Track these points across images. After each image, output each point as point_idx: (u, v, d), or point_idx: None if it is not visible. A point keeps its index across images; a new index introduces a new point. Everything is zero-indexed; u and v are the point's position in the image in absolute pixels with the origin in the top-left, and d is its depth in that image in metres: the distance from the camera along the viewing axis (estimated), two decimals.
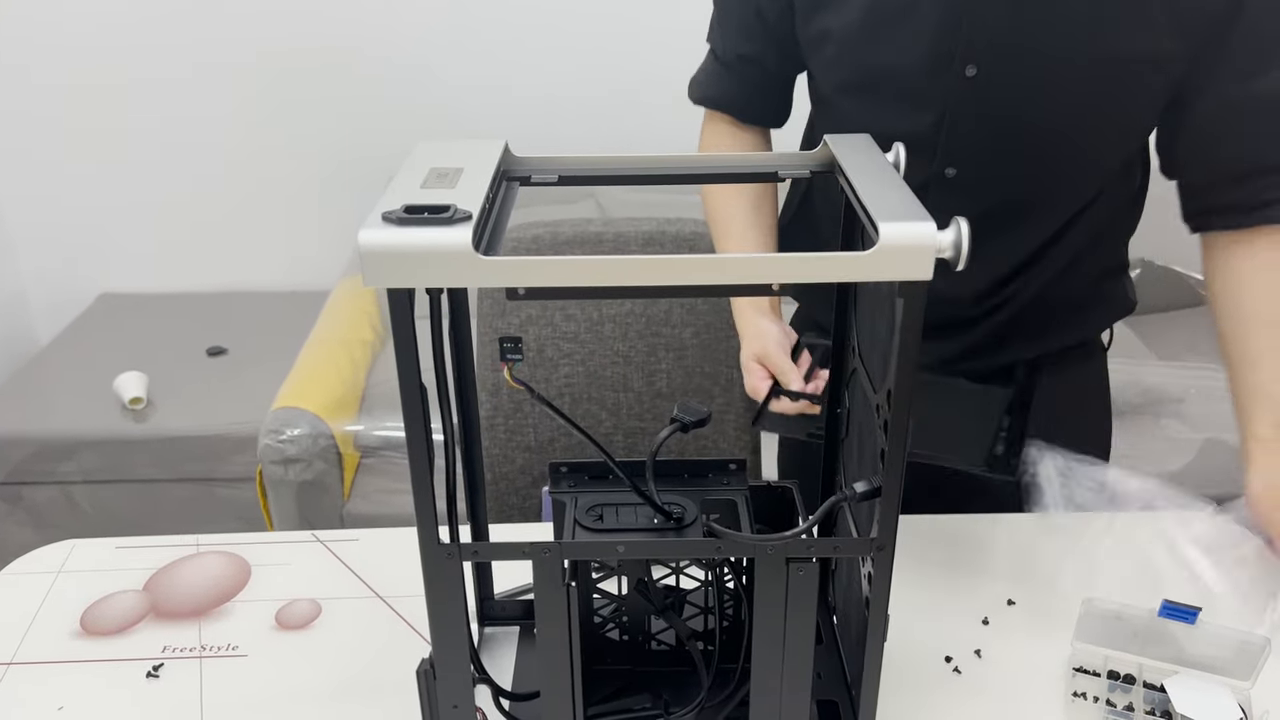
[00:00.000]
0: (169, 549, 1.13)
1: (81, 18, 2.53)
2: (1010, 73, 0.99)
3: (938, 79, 1.01)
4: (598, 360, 1.52)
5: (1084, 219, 1.12)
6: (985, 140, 1.03)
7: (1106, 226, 1.16)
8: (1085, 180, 1.09)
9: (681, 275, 0.64)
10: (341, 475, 2.03)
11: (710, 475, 0.87)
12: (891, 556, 0.74)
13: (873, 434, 0.76)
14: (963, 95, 1.01)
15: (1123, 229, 1.20)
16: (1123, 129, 1.07)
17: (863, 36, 1.03)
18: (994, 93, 1.01)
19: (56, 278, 2.80)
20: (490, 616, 1.00)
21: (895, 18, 1.01)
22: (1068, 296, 1.18)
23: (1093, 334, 1.26)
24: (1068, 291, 1.17)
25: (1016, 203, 1.08)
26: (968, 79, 1.00)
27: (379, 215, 0.64)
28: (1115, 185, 1.13)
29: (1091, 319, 1.24)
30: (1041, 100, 1.01)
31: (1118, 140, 1.08)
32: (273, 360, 2.25)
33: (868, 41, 1.04)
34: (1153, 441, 2.10)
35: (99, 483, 2.22)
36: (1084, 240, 1.13)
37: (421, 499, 0.71)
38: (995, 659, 0.97)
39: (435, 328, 0.74)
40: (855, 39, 1.04)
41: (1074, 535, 1.13)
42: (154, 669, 0.97)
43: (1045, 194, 1.09)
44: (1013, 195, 1.08)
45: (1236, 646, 0.89)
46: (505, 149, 0.79)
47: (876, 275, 0.64)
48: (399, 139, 2.63)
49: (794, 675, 0.78)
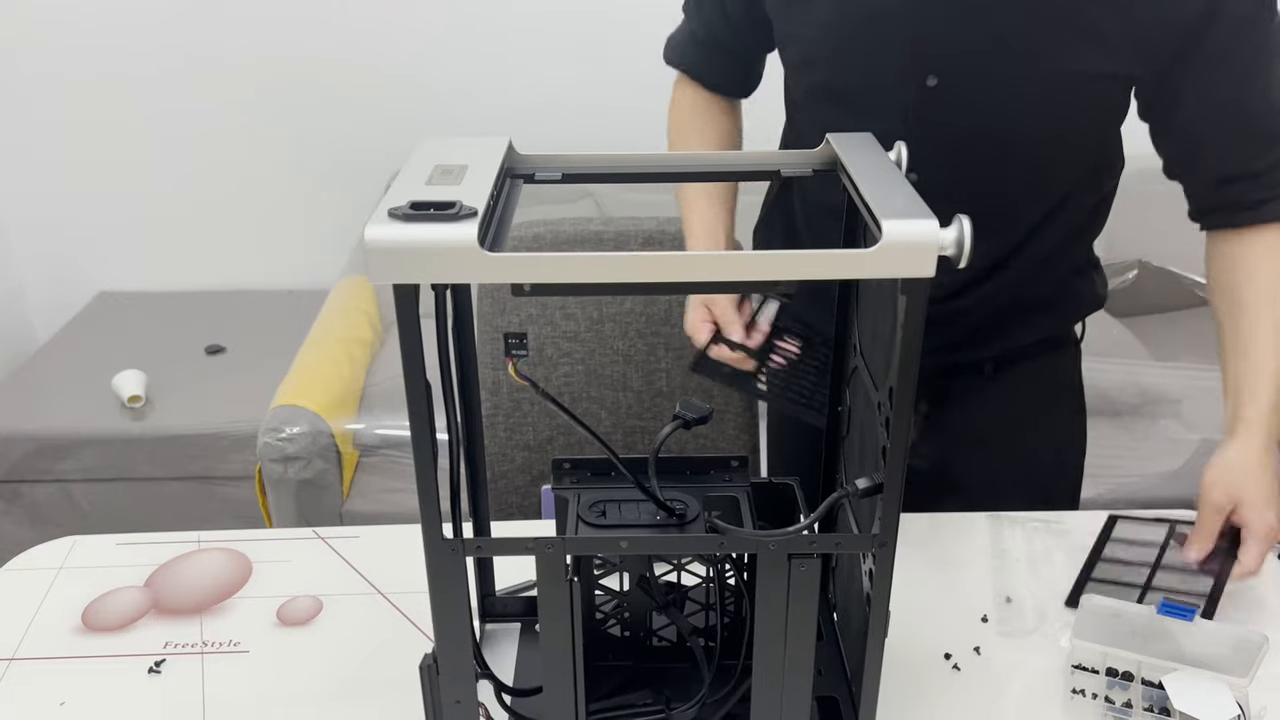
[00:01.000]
0: (170, 545, 1.13)
1: (80, 16, 2.53)
2: (969, 85, 1.03)
3: (901, 89, 1.04)
4: (598, 359, 1.52)
5: (1053, 222, 1.14)
6: (948, 147, 1.04)
7: (1076, 228, 1.17)
8: (1049, 185, 1.12)
9: (687, 271, 0.64)
10: (341, 474, 2.03)
11: (712, 472, 0.87)
12: (893, 553, 0.74)
13: (874, 431, 0.77)
14: (924, 104, 1.04)
15: (1092, 229, 1.21)
16: (1082, 137, 1.09)
17: (828, 45, 1.07)
18: (954, 102, 1.04)
19: (55, 276, 2.80)
20: (492, 613, 1.00)
21: (860, 28, 1.03)
22: (1038, 295, 1.19)
23: (1063, 329, 1.27)
24: (1038, 290, 1.19)
25: (983, 208, 1.08)
26: (928, 89, 1.03)
27: (385, 211, 0.64)
28: (1083, 189, 1.14)
29: (1061, 315, 1.25)
30: (1001, 110, 1.04)
31: (1078, 148, 1.10)
32: (272, 359, 2.25)
33: (833, 50, 1.07)
34: (1150, 442, 2.10)
35: (98, 481, 2.22)
36: (1054, 242, 1.15)
37: (426, 495, 0.71)
38: (994, 656, 0.97)
39: (440, 324, 0.74)
40: (821, 46, 1.07)
41: (1073, 534, 1.13)
42: (156, 665, 0.97)
43: (1011, 199, 1.11)
44: (979, 201, 1.08)
45: (1234, 644, 0.89)
46: (509, 147, 0.79)
47: (880, 272, 0.64)
48: (398, 138, 2.63)
49: (795, 671, 0.79)
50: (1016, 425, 1.25)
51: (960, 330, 1.18)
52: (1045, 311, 1.22)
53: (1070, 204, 1.14)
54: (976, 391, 1.25)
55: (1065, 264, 1.20)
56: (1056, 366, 1.28)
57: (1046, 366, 1.26)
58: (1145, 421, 2.15)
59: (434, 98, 2.64)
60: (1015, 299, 1.18)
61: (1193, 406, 2.20)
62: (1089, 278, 1.24)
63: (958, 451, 1.24)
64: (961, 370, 1.23)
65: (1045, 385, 1.27)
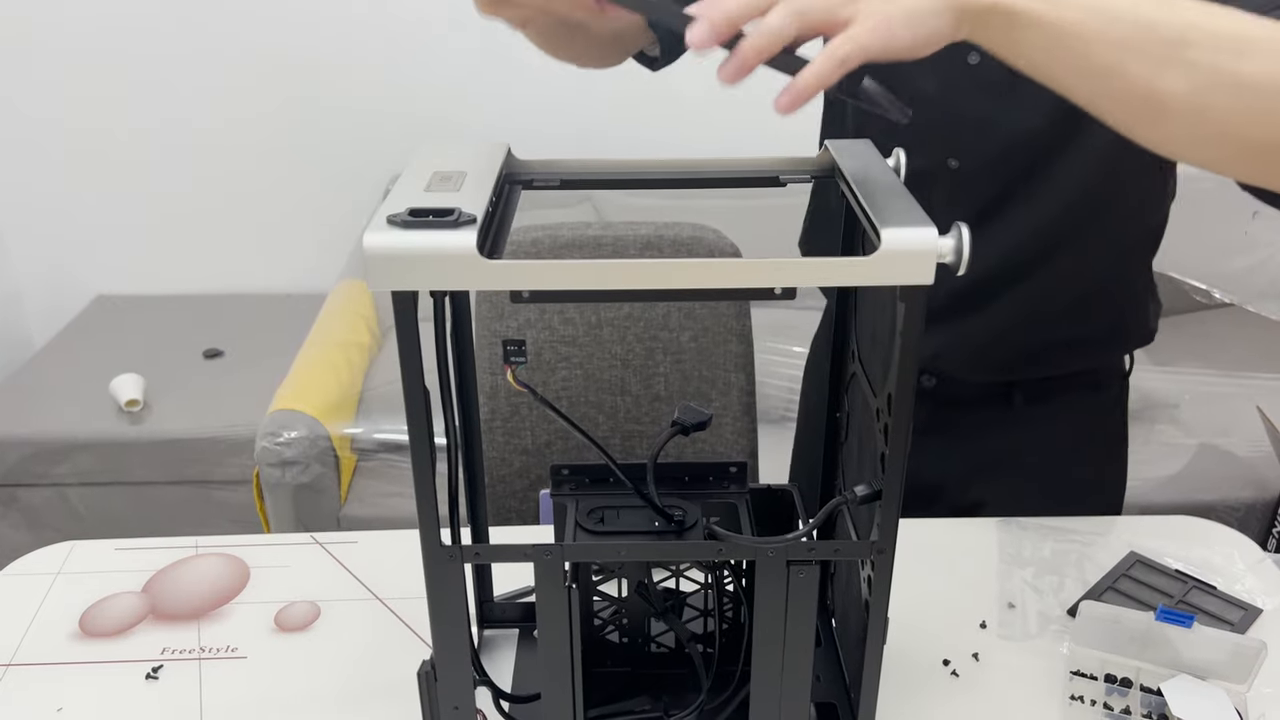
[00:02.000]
0: (168, 551, 1.13)
1: (78, 19, 2.53)
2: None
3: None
4: (595, 363, 1.52)
5: (1093, 222, 1.07)
6: (986, 133, 1.01)
7: (1118, 235, 1.10)
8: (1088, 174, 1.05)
9: (687, 279, 0.64)
10: (339, 478, 2.03)
11: (711, 478, 0.87)
12: (892, 560, 0.74)
13: (873, 438, 0.77)
14: (964, 81, 1.00)
15: (1139, 244, 1.13)
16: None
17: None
18: (994, 77, 0.98)
19: (52, 279, 2.80)
20: (490, 619, 1.00)
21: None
22: (1075, 311, 1.11)
23: (1101, 362, 1.19)
24: (1075, 306, 1.11)
25: (1015, 194, 1.05)
26: (970, 65, 1.00)
27: (384, 218, 0.64)
28: (1130, 189, 1.08)
29: (1101, 344, 1.17)
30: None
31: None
32: (270, 363, 2.25)
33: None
34: (1148, 447, 2.10)
35: (95, 485, 2.21)
36: (1095, 247, 1.08)
37: (424, 502, 0.71)
38: (993, 662, 0.97)
39: (439, 331, 0.74)
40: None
41: (1084, 541, 1.13)
42: (153, 670, 0.97)
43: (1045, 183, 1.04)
44: (1013, 186, 1.05)
45: (1232, 650, 0.89)
46: (508, 152, 0.79)
47: (878, 280, 0.64)
48: (396, 142, 2.64)
49: (793, 678, 0.79)
50: (1043, 468, 1.18)
51: (986, 327, 1.12)
52: (1082, 331, 1.13)
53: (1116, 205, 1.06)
54: (1004, 423, 1.18)
55: (1106, 281, 1.11)
56: (1095, 405, 1.20)
57: (1082, 404, 1.19)
58: (1144, 426, 2.15)
59: (432, 101, 2.64)
60: (1048, 309, 1.10)
61: (1192, 411, 2.20)
62: (1139, 305, 1.15)
63: (984, 484, 1.20)
64: (988, 399, 1.16)
65: (1080, 426, 1.19)
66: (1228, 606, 1.03)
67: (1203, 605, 1.04)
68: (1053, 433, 1.18)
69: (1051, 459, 1.20)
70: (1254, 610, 1.03)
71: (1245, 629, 1.01)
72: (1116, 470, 1.26)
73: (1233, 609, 1.03)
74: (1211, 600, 1.04)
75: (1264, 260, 2.59)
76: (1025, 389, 1.17)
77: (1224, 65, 0.65)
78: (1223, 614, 1.03)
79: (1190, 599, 1.05)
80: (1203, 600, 1.04)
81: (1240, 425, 2.08)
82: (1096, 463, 1.24)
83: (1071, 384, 1.17)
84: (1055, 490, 1.20)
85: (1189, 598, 1.05)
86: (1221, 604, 1.04)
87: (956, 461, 1.19)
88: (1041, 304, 1.11)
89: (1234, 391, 2.21)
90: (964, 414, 1.18)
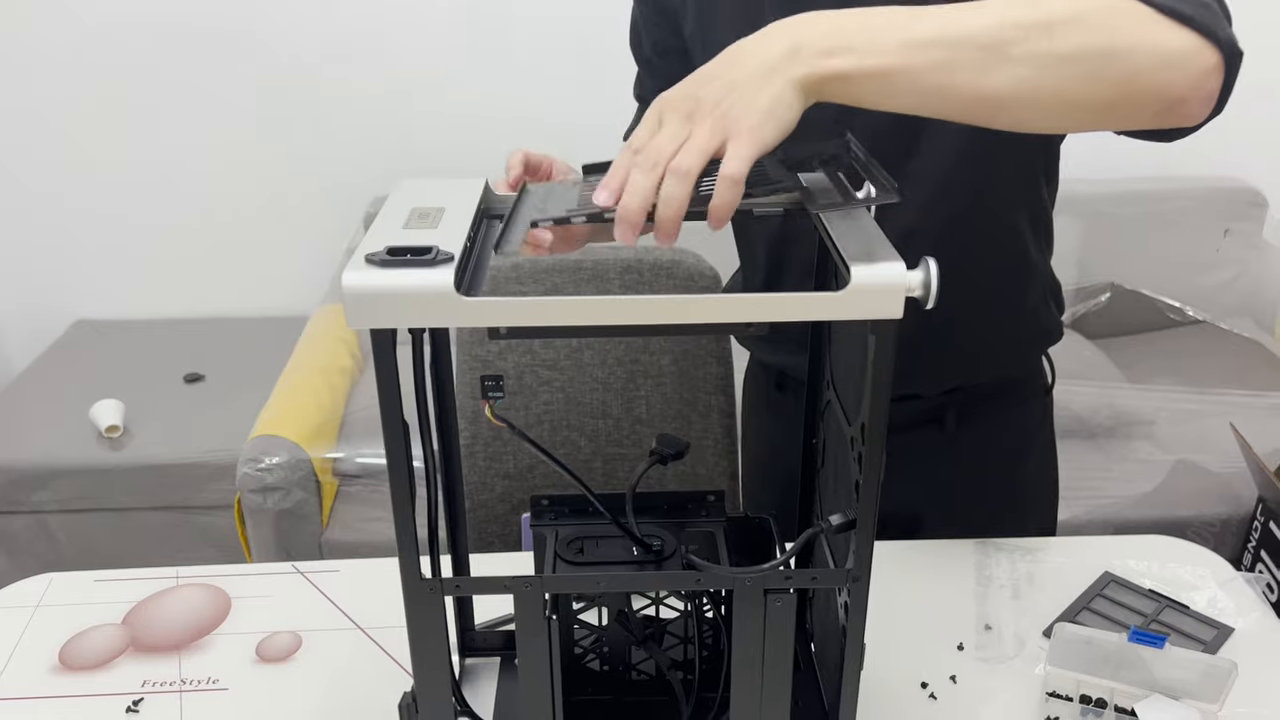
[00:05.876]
0: (148, 582, 1.13)
1: (54, 45, 2.53)
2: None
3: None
4: (577, 387, 1.53)
5: (965, 218, 1.05)
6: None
7: (992, 230, 1.08)
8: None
9: (662, 315, 0.65)
10: (320, 503, 2.03)
11: (689, 507, 0.88)
12: (867, 587, 0.75)
13: (847, 466, 0.78)
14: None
15: (1017, 237, 1.10)
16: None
17: None
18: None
19: (31, 303, 2.78)
20: (471, 648, 1.00)
21: None
22: (969, 314, 1.06)
23: (1012, 370, 1.20)
24: (967, 308, 1.04)
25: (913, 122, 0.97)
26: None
27: (362, 257, 0.65)
28: (994, 179, 1.04)
29: (1018, 345, 1.17)
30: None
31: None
32: (251, 387, 2.25)
33: None
34: (1124, 464, 2.12)
35: (74, 512, 2.20)
36: (970, 242, 1.06)
37: (404, 534, 0.72)
38: (971, 684, 0.98)
39: (418, 366, 0.75)
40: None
41: (1058, 562, 1.14)
42: (134, 704, 0.97)
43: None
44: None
45: (1204, 671, 0.91)
46: (486, 187, 0.80)
47: (849, 314, 0.65)
48: (378, 167, 2.64)
49: (772, 704, 0.79)
50: (975, 487, 1.21)
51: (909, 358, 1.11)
52: (997, 335, 1.14)
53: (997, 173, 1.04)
54: (938, 449, 1.19)
55: (999, 280, 1.11)
56: (1023, 419, 1.22)
57: (1013, 419, 1.21)
58: (1119, 443, 2.17)
59: (414, 128, 2.65)
60: (959, 317, 1.04)
61: (1166, 427, 2.22)
62: (1046, 303, 1.16)
63: (921, 507, 1.21)
64: (921, 424, 1.17)
65: (1007, 441, 1.21)
66: (1201, 625, 1.05)
67: (1176, 625, 1.05)
68: (982, 454, 1.21)
69: (982, 480, 1.22)
70: (1226, 629, 1.04)
71: (1217, 648, 1.02)
72: (1049, 487, 1.29)
73: (1206, 628, 1.05)
74: (1185, 619, 1.06)
75: (1236, 277, 2.62)
76: (956, 407, 1.17)
77: (1040, 50, 0.70)
78: (1196, 633, 1.04)
79: (1164, 618, 1.06)
80: (1176, 619, 1.06)
81: (1215, 442, 2.10)
82: (1027, 481, 1.26)
83: (996, 402, 1.19)
84: (989, 510, 1.22)
85: (1162, 617, 1.06)
86: (1195, 623, 1.05)
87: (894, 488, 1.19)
88: (934, 311, 1.09)
89: (1208, 408, 2.24)
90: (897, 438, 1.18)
